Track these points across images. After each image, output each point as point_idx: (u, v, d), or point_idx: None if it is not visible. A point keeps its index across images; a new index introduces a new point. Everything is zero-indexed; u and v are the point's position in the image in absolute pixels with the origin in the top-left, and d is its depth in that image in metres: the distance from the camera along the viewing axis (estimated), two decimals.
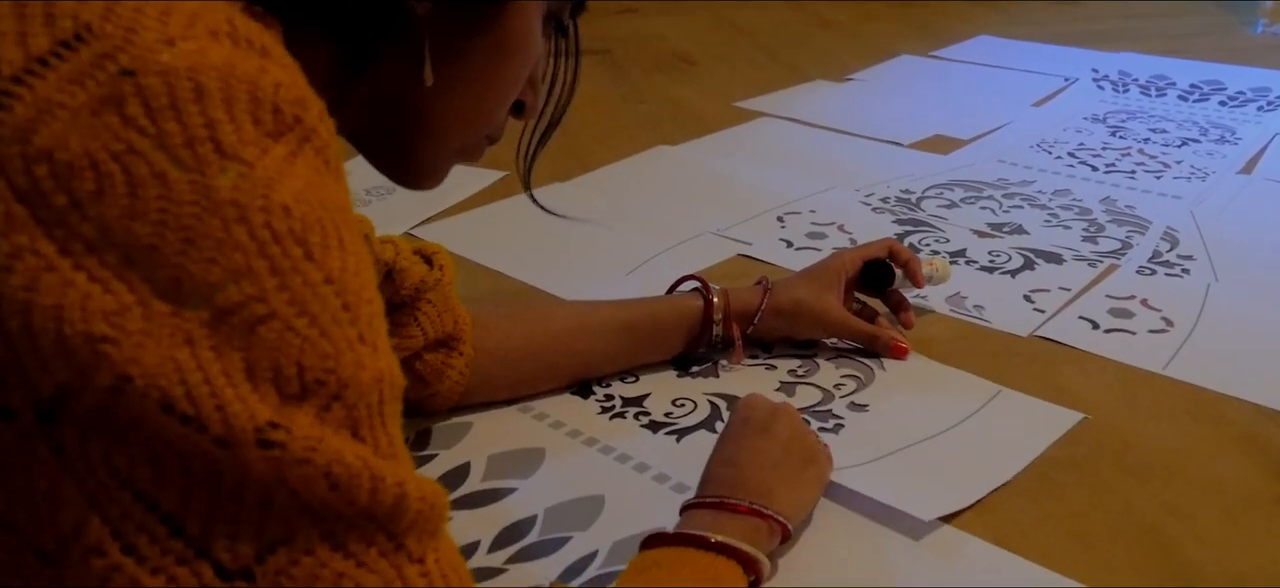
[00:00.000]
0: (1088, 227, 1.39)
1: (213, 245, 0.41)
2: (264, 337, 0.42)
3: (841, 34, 2.68)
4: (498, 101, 0.68)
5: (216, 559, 0.42)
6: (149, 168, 0.41)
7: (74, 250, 0.41)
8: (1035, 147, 1.73)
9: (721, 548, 0.70)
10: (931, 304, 1.17)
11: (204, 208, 0.42)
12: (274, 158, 0.44)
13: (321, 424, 0.43)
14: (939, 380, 1.02)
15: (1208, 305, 1.17)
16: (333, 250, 0.45)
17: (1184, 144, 1.74)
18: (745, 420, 0.83)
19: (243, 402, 0.41)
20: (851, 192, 1.52)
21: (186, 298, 0.41)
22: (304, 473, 0.42)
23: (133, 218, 0.41)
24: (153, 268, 0.41)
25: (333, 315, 0.44)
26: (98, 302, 0.40)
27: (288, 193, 0.43)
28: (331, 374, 0.44)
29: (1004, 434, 0.93)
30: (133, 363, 0.40)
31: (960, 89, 2.12)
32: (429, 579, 0.46)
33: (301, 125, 0.45)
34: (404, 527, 0.45)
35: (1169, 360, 1.05)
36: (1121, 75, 2.16)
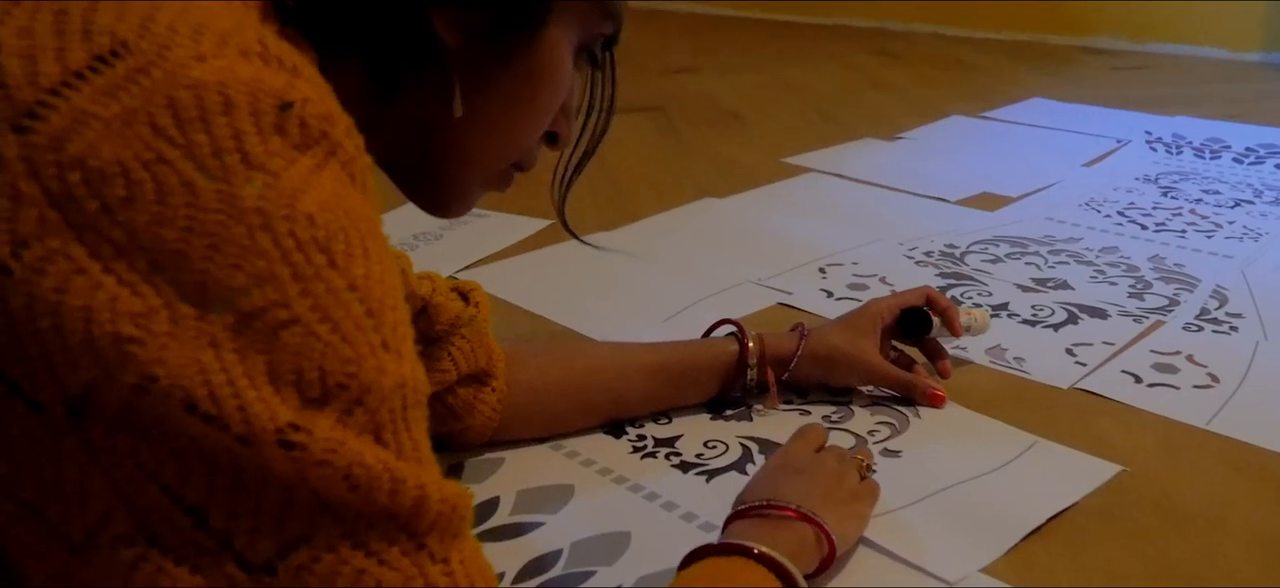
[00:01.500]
0: (1134, 283, 1.38)
1: (238, 252, 0.43)
2: (287, 341, 0.43)
3: (893, 95, 2.69)
4: (526, 132, 0.68)
5: (239, 553, 0.43)
6: (177, 176, 0.42)
7: (103, 254, 0.42)
8: (1084, 205, 1.72)
9: (764, 559, 0.69)
10: (970, 355, 1.16)
11: (230, 215, 0.43)
12: (299, 169, 0.45)
13: (343, 429, 0.44)
14: (974, 429, 1.01)
15: (1255, 363, 1.15)
16: (356, 258, 0.46)
17: (1237, 205, 1.71)
18: (785, 456, 0.84)
19: (264, 403, 0.42)
20: (895, 245, 1.52)
21: (211, 302, 0.42)
22: (324, 474, 0.43)
23: (161, 224, 0.42)
24: (179, 272, 0.42)
25: (356, 321, 0.45)
26: (125, 304, 0.41)
27: (312, 202, 0.44)
28: (353, 379, 0.45)
29: (1039, 484, 0.92)
30: (158, 363, 0.41)
31: (1010, 149, 2.11)
32: (453, 579, 0.47)
33: (328, 140, 0.46)
34: (425, 527, 0.46)
35: (1213, 416, 1.03)
36: (1176, 138, 2.14)
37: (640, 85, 2.80)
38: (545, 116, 0.69)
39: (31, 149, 0.42)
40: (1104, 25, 3.36)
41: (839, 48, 3.39)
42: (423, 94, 0.62)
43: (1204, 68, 3.02)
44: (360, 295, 0.45)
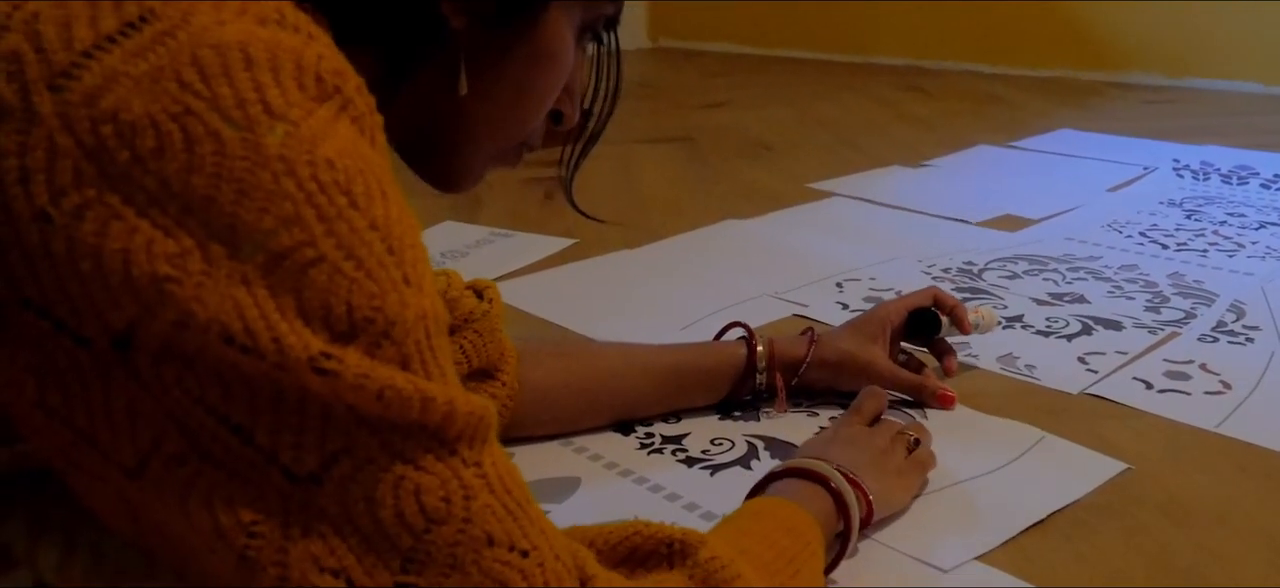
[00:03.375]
0: (1152, 298, 1.38)
1: (264, 196, 0.45)
2: (315, 278, 0.46)
3: (921, 126, 2.70)
4: (530, 111, 0.71)
5: (285, 466, 0.46)
6: (204, 127, 0.45)
7: (138, 201, 0.44)
8: (1105, 227, 1.72)
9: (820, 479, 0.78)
10: (981, 362, 1.17)
11: (255, 162, 0.45)
12: (318, 118, 0.47)
13: (371, 360, 0.46)
14: (982, 428, 1.02)
15: (1270, 371, 1.15)
16: (376, 199, 0.48)
17: (1262, 227, 1.71)
18: (838, 429, 0.90)
19: (297, 334, 0.45)
20: (913, 262, 1.53)
21: (242, 245, 0.45)
22: (358, 395, 0.46)
23: (190, 172, 0.44)
24: (210, 217, 0.45)
25: (378, 259, 0.47)
26: (161, 246, 0.44)
27: (331, 148, 0.47)
28: (379, 312, 0.47)
29: (1043, 480, 0.92)
30: (194, 301, 0.44)
31: (1035, 175, 2.12)
32: (486, 480, 0.50)
33: (340, 94, 0.49)
34: (454, 435, 0.49)
35: (1222, 419, 1.04)
36: (1203, 165, 2.13)
37: (673, 118, 2.84)
38: (548, 96, 0.70)
39: (66, 106, 0.44)
40: (1136, 60, 3.36)
41: (870, 84, 3.42)
42: (430, 75, 0.65)
43: (1236, 101, 3.01)
44: (381, 234, 0.48)
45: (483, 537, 0.49)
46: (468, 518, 0.49)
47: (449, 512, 0.48)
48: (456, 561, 0.48)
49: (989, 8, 3.63)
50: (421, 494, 0.48)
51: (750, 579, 0.60)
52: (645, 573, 0.59)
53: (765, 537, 0.69)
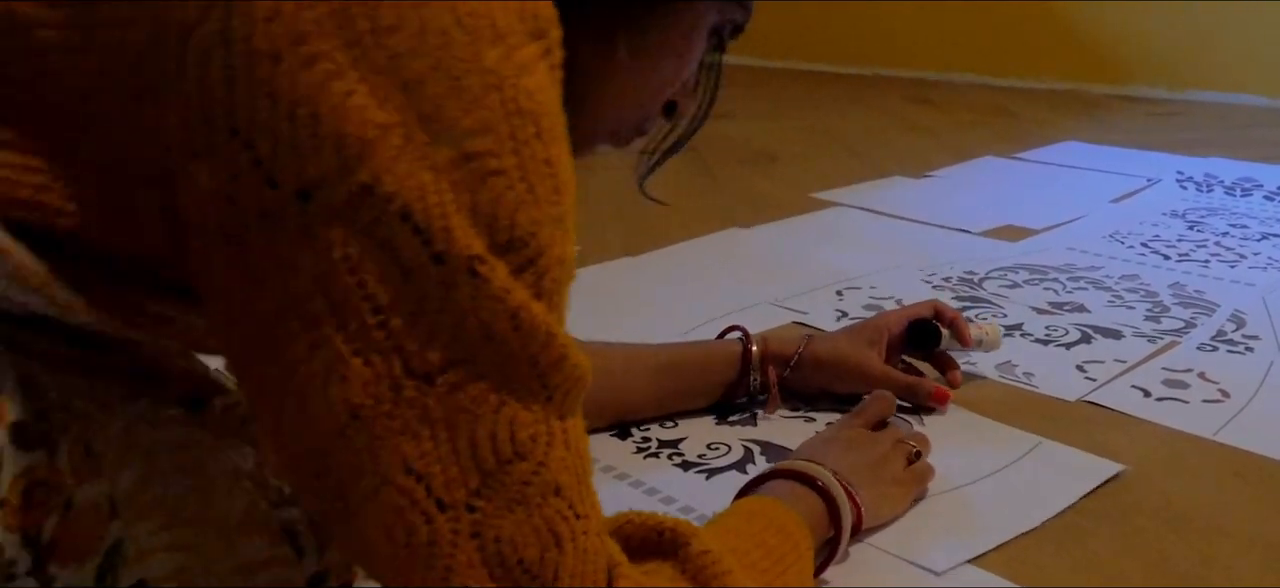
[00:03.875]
0: (1152, 307, 1.38)
1: (470, 99, 0.48)
2: (492, 186, 0.49)
3: (927, 137, 2.70)
4: (656, 92, 0.73)
5: (406, 357, 0.49)
6: (438, 22, 0.48)
7: (362, 67, 0.47)
8: (1108, 237, 1.72)
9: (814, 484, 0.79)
10: (980, 369, 1.17)
11: (471, 67, 0.48)
12: (528, 52, 0.50)
13: (515, 280, 0.50)
14: (979, 433, 1.02)
15: (1269, 380, 1.14)
16: (557, 140, 0.52)
17: (1264, 238, 1.71)
18: (840, 429, 0.91)
19: (464, 232, 0.48)
20: (914, 271, 1.53)
21: (440, 135, 0.48)
22: (495, 308, 0.49)
23: (415, 55, 0.48)
24: (420, 101, 0.48)
25: (546, 191, 0.51)
26: (372, 113, 0.47)
27: (532, 82, 0.50)
28: (534, 238, 0.50)
29: (1039, 484, 0.92)
30: (387, 171, 0.47)
31: (1038, 186, 2.12)
32: (567, 436, 0.53)
33: (547, 38, 0.52)
34: (556, 384, 0.52)
35: (1220, 427, 1.03)
36: (1208, 177, 2.13)
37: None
38: (673, 82, 0.73)
39: None
40: (1142, 74, 3.36)
41: (877, 95, 3.42)
42: (588, 40, 0.65)
43: (1241, 114, 3.01)
44: (552, 171, 0.51)
45: (552, 485, 0.52)
46: (544, 463, 0.52)
47: (531, 451, 0.51)
48: (523, 498, 0.51)
49: (996, 21, 3.63)
50: (515, 427, 0.51)
51: (739, 578, 0.61)
52: (637, 562, 0.60)
53: (755, 537, 0.69)
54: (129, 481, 0.55)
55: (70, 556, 0.52)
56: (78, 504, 0.53)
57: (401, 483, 0.50)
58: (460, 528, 0.50)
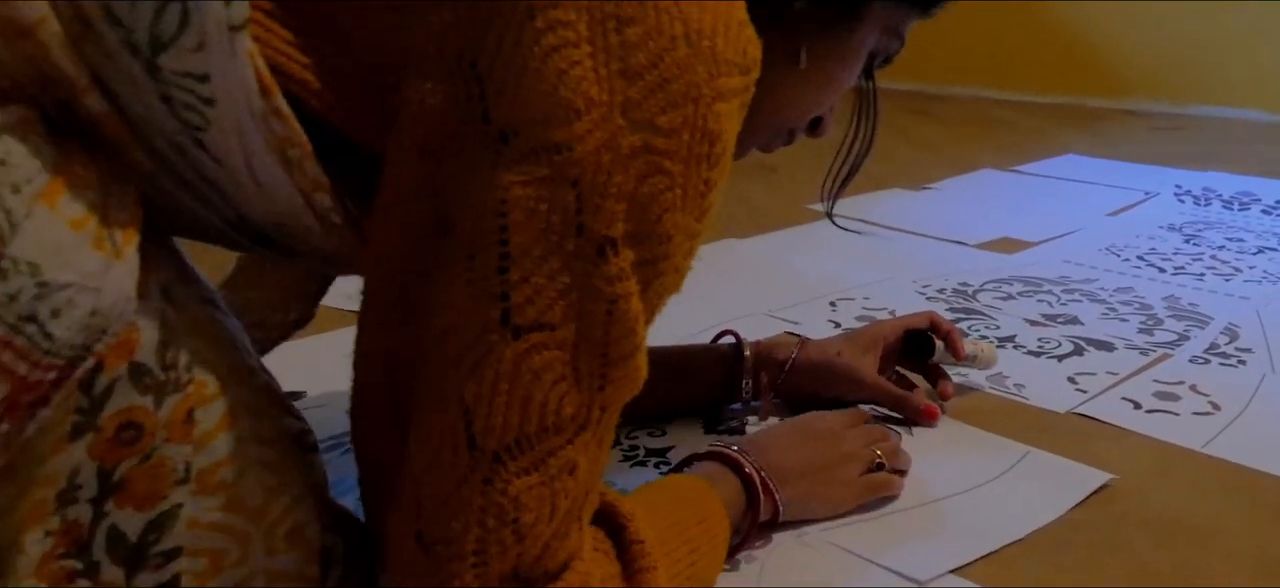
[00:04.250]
0: (1145, 320, 1.38)
1: (670, 102, 0.54)
2: (656, 183, 0.54)
3: (927, 150, 2.70)
4: (815, 102, 0.81)
5: (506, 307, 0.54)
6: (670, 29, 0.54)
7: (597, 43, 0.53)
8: (1103, 250, 1.72)
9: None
10: (972, 381, 1.17)
11: (681, 76, 0.54)
12: (732, 83, 0.56)
13: (633, 272, 0.55)
14: (967, 444, 1.02)
15: (1260, 393, 1.14)
16: (721, 169, 0.57)
17: (1260, 252, 1.71)
18: (813, 417, 0.94)
19: (615, 213, 0.54)
20: (908, 282, 1.53)
21: (636, 123, 0.53)
22: (602, 289, 0.54)
23: (641, 47, 0.53)
24: (630, 89, 0.53)
25: (694, 207, 0.56)
26: (589, 84, 0.53)
27: (724, 109, 0.56)
28: (668, 240, 0.56)
29: (1027, 495, 0.92)
30: (580, 140, 0.53)
31: (1036, 199, 2.12)
32: (600, 429, 0.58)
33: (748, 77, 0.58)
34: (614, 378, 0.57)
35: (1210, 440, 1.03)
36: (1205, 191, 2.13)
37: None
38: (829, 97, 0.82)
39: None
40: (1144, 88, 3.36)
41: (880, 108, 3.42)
42: (772, 46, 0.69)
43: (1242, 129, 3.01)
44: (706, 193, 0.57)
45: (571, 464, 0.56)
46: (572, 443, 0.56)
47: (567, 428, 0.56)
48: (542, 465, 0.56)
49: (999, 34, 3.63)
50: (563, 402, 0.55)
51: (660, 577, 0.64)
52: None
53: (681, 527, 0.72)
54: (210, 457, 0.57)
55: (130, 500, 0.55)
56: (156, 459, 0.55)
57: (453, 410, 0.54)
58: (478, 471, 0.55)
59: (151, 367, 0.55)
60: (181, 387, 0.56)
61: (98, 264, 0.52)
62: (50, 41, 0.51)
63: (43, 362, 0.50)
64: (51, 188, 0.51)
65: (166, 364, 0.56)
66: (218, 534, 0.58)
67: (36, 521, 0.53)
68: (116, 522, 0.55)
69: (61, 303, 0.50)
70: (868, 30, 0.79)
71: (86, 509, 0.54)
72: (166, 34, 0.52)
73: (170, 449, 0.56)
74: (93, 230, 0.52)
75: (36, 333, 0.50)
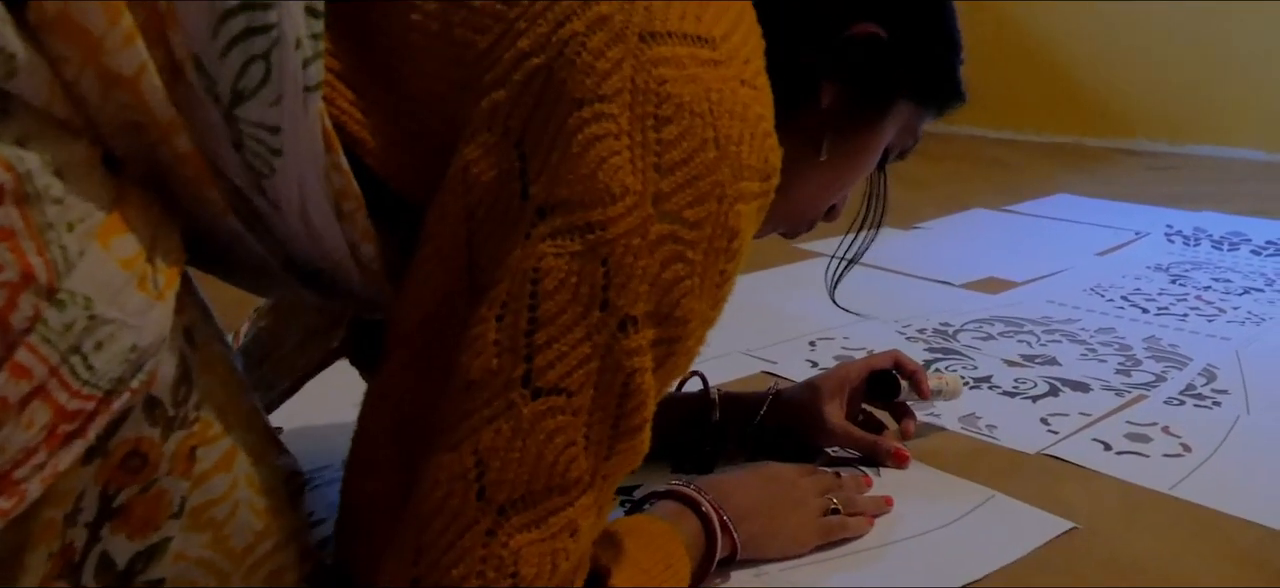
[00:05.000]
0: (1124, 361, 1.38)
1: (697, 198, 0.59)
2: (677, 270, 0.59)
3: (920, 190, 2.71)
4: (832, 192, 0.86)
5: (528, 368, 0.57)
6: (702, 133, 0.59)
7: (636, 139, 0.58)
8: (1088, 290, 1.72)
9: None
10: (944, 422, 1.17)
11: (708, 175, 0.59)
12: (753, 187, 0.61)
13: (650, 350, 0.59)
14: (933, 486, 1.02)
15: (1233, 435, 1.14)
16: (738, 263, 0.62)
17: (1246, 292, 1.70)
18: (769, 467, 0.95)
19: (640, 295, 0.58)
20: (889, 322, 1.54)
21: (665, 213, 0.58)
22: (621, 363, 0.58)
23: (675, 147, 0.58)
24: (662, 182, 0.58)
25: (711, 296, 0.61)
26: (625, 174, 0.57)
27: (745, 209, 0.61)
28: (685, 324, 0.60)
29: (988, 537, 0.92)
30: (613, 222, 0.57)
31: (1025, 239, 2.13)
32: (600, 494, 0.61)
33: (768, 182, 0.63)
34: (620, 449, 0.60)
35: (1177, 482, 1.03)
36: (1196, 231, 2.13)
37: None
38: (847, 187, 0.86)
39: (643, 50, 0.59)
40: (1142, 127, 3.37)
41: None
42: (797, 137, 0.76)
43: (1238, 168, 3.01)
44: (722, 283, 0.62)
45: (573, 525, 0.59)
46: (574, 505, 0.59)
47: (571, 491, 0.58)
48: (544, 523, 0.58)
49: (997, 75, 3.65)
50: (571, 466, 0.58)
51: None
52: None
53: (650, 576, 0.72)
54: (205, 495, 0.59)
55: (125, 527, 0.56)
56: (156, 490, 0.57)
57: (466, 458, 0.57)
58: (483, 522, 0.57)
59: (164, 402, 0.57)
60: (188, 424, 0.58)
61: (141, 304, 0.54)
62: (147, 88, 0.55)
63: (82, 392, 0.52)
64: (106, 227, 0.54)
65: (178, 401, 0.58)
66: (201, 570, 0.60)
67: (44, 541, 0.54)
68: (108, 548, 0.56)
69: (105, 337, 0.53)
70: (889, 128, 0.84)
71: (82, 533, 0.56)
72: (248, 88, 0.56)
73: (170, 482, 0.57)
74: (139, 270, 0.54)
75: (80, 364, 0.52)
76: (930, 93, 0.85)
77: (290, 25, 0.56)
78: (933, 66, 0.84)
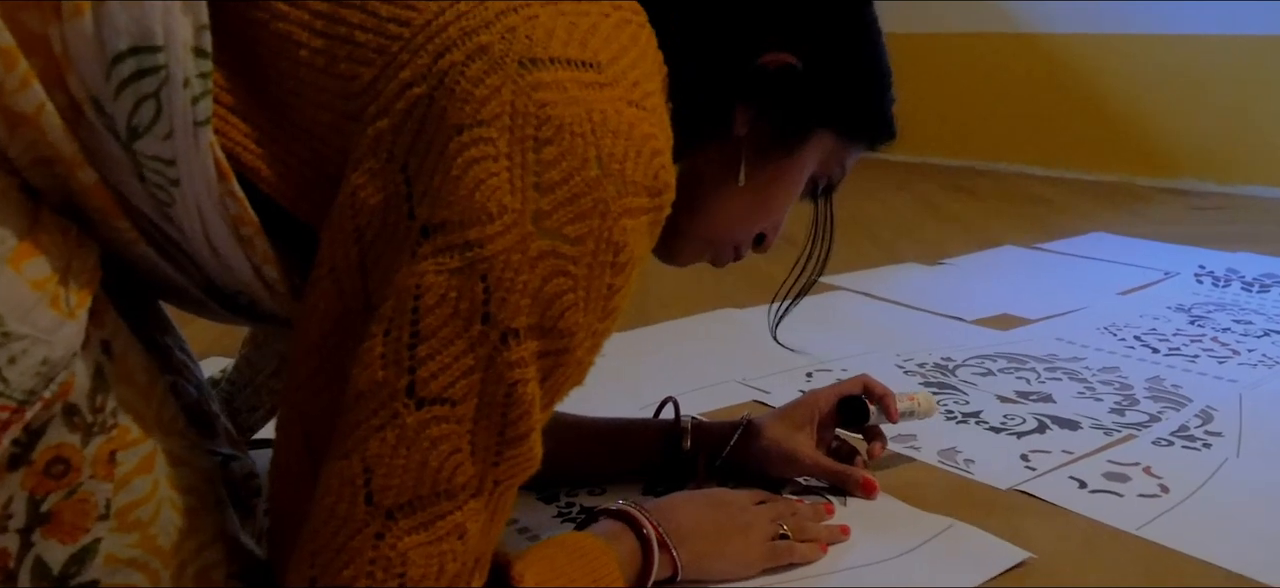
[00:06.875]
0: (1121, 400, 1.36)
1: (578, 215, 0.61)
2: (560, 284, 0.61)
3: (955, 226, 2.70)
4: (758, 221, 0.87)
5: (412, 379, 0.59)
6: (583, 152, 0.61)
7: (515, 158, 0.60)
8: (1101, 329, 1.70)
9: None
10: (923, 455, 1.17)
11: (589, 193, 0.61)
12: (640, 202, 0.63)
13: (534, 361, 0.61)
14: (894, 517, 1.02)
15: (1216, 478, 1.13)
16: (626, 277, 0.64)
17: (1266, 334, 1.68)
18: (719, 492, 0.96)
19: (520, 308, 0.60)
20: (890, 355, 1.54)
21: (545, 231, 0.60)
22: (503, 374, 0.60)
23: (553, 166, 0.61)
24: (542, 201, 0.60)
25: (597, 309, 0.63)
26: (504, 193, 0.60)
27: (631, 225, 0.63)
28: (570, 337, 0.62)
29: (940, 565, 0.92)
30: (491, 240, 0.59)
31: (1049, 276, 2.11)
32: (494, 500, 0.63)
33: (658, 199, 0.65)
34: (508, 457, 0.62)
35: (1146, 523, 1.02)
36: (1229, 272, 2.10)
37: None
38: (775, 215, 0.88)
39: (522, 76, 0.61)
40: (1190, 167, 3.31)
41: (920, 182, 3.42)
42: (711, 159, 0.81)
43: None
44: (610, 297, 0.63)
45: (461, 529, 0.61)
46: (462, 509, 0.61)
47: (459, 496, 0.61)
48: (430, 526, 0.60)
49: (1046, 112, 3.62)
50: (457, 472, 0.60)
51: None
52: None
53: (572, 583, 0.74)
54: (129, 496, 0.62)
55: (56, 532, 0.60)
56: (81, 494, 0.61)
57: (355, 465, 0.60)
58: (372, 526, 0.60)
59: (82, 409, 0.61)
60: (107, 429, 0.62)
61: (52, 321, 0.58)
62: (47, 125, 0.60)
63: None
64: (18, 252, 0.58)
65: (95, 408, 0.61)
66: (132, 570, 0.63)
67: None
68: (41, 553, 0.60)
69: (18, 352, 0.57)
70: (809, 158, 0.84)
71: (15, 539, 0.60)
72: (142, 125, 0.61)
73: (93, 485, 0.61)
74: (51, 291, 0.59)
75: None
76: (853, 126, 0.86)
77: (178, 66, 0.60)
78: (854, 99, 0.84)
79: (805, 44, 0.79)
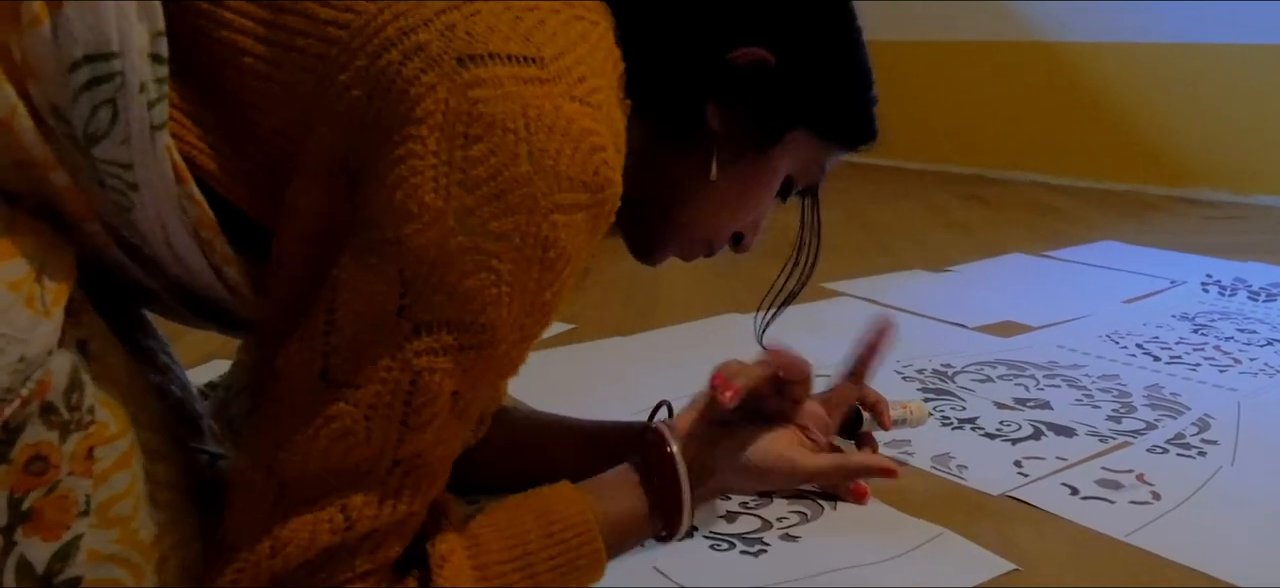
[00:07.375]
0: (1118, 408, 1.36)
1: (505, 210, 0.62)
2: (483, 280, 0.62)
3: (963, 234, 2.69)
4: (731, 218, 0.87)
5: (328, 361, 0.63)
6: (512, 148, 0.62)
7: (441, 155, 0.61)
8: (1103, 337, 1.70)
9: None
10: (916, 461, 1.18)
11: (518, 185, 0.61)
12: (575, 197, 0.64)
13: (443, 356, 0.62)
14: (883, 522, 1.03)
15: (1209, 486, 1.12)
16: (557, 274, 0.64)
17: (1269, 344, 1.67)
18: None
19: (431, 303, 0.61)
20: (890, 361, 1.54)
21: (469, 227, 0.61)
22: (408, 362, 0.62)
23: (483, 161, 0.61)
24: (466, 198, 0.61)
25: (522, 306, 0.63)
26: (427, 195, 0.61)
27: (564, 220, 0.63)
28: (489, 333, 0.63)
29: (926, 573, 0.93)
30: (411, 236, 0.61)
31: (1054, 284, 2.11)
32: (391, 481, 0.65)
33: (599, 196, 0.65)
34: (413, 442, 0.64)
35: (1135, 530, 1.02)
36: (1236, 282, 2.09)
37: None
38: (746, 214, 0.87)
39: (457, 72, 0.62)
40: (1204, 176, 3.30)
41: (931, 190, 3.42)
42: (685, 156, 0.81)
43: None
44: (538, 294, 0.64)
45: (341, 507, 0.64)
46: (349, 487, 0.63)
47: (347, 474, 0.63)
48: (314, 502, 0.63)
49: (1058, 119, 3.61)
50: (350, 449, 0.63)
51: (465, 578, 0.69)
52: None
53: (521, 542, 0.74)
54: (109, 491, 0.64)
55: (38, 530, 0.61)
56: (61, 490, 0.62)
57: (266, 441, 0.64)
58: (269, 492, 0.64)
59: (59, 406, 0.62)
60: (84, 426, 0.63)
61: (28, 320, 0.59)
62: (20, 129, 0.61)
63: None
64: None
65: (72, 405, 0.62)
66: (115, 566, 0.64)
67: None
68: (25, 552, 0.61)
69: None
70: (783, 156, 0.84)
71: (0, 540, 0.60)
72: (99, 130, 0.62)
73: (73, 482, 0.62)
74: (27, 290, 0.60)
75: None
76: (831, 126, 0.86)
77: (133, 72, 0.61)
78: (831, 99, 0.84)
79: (781, 41, 0.79)
